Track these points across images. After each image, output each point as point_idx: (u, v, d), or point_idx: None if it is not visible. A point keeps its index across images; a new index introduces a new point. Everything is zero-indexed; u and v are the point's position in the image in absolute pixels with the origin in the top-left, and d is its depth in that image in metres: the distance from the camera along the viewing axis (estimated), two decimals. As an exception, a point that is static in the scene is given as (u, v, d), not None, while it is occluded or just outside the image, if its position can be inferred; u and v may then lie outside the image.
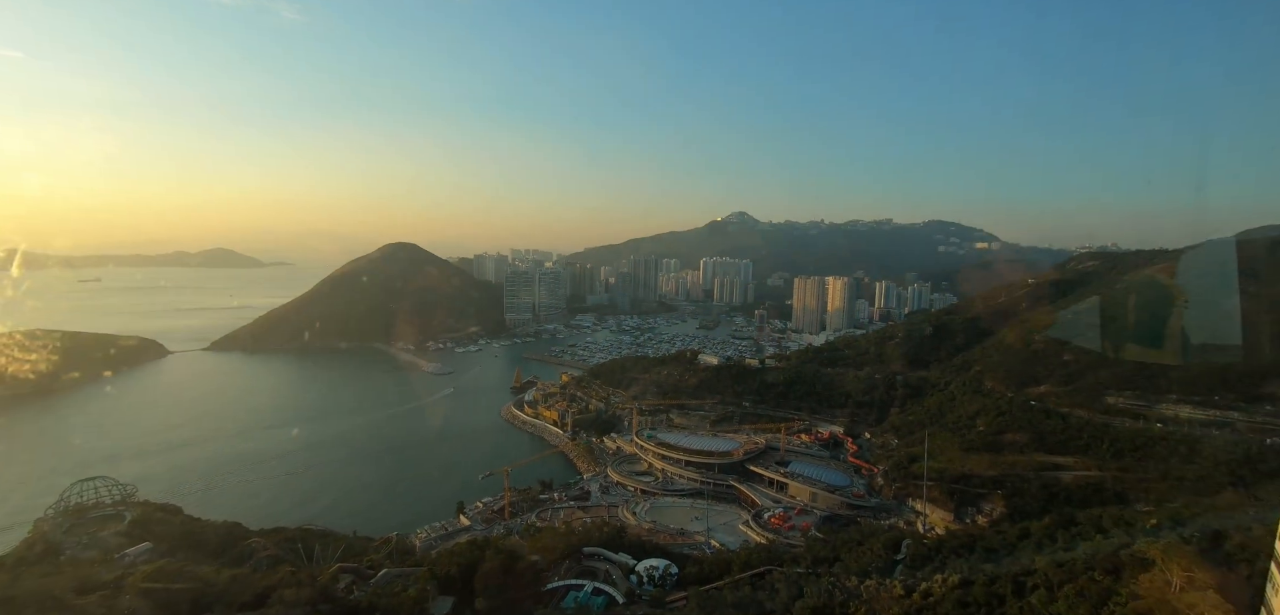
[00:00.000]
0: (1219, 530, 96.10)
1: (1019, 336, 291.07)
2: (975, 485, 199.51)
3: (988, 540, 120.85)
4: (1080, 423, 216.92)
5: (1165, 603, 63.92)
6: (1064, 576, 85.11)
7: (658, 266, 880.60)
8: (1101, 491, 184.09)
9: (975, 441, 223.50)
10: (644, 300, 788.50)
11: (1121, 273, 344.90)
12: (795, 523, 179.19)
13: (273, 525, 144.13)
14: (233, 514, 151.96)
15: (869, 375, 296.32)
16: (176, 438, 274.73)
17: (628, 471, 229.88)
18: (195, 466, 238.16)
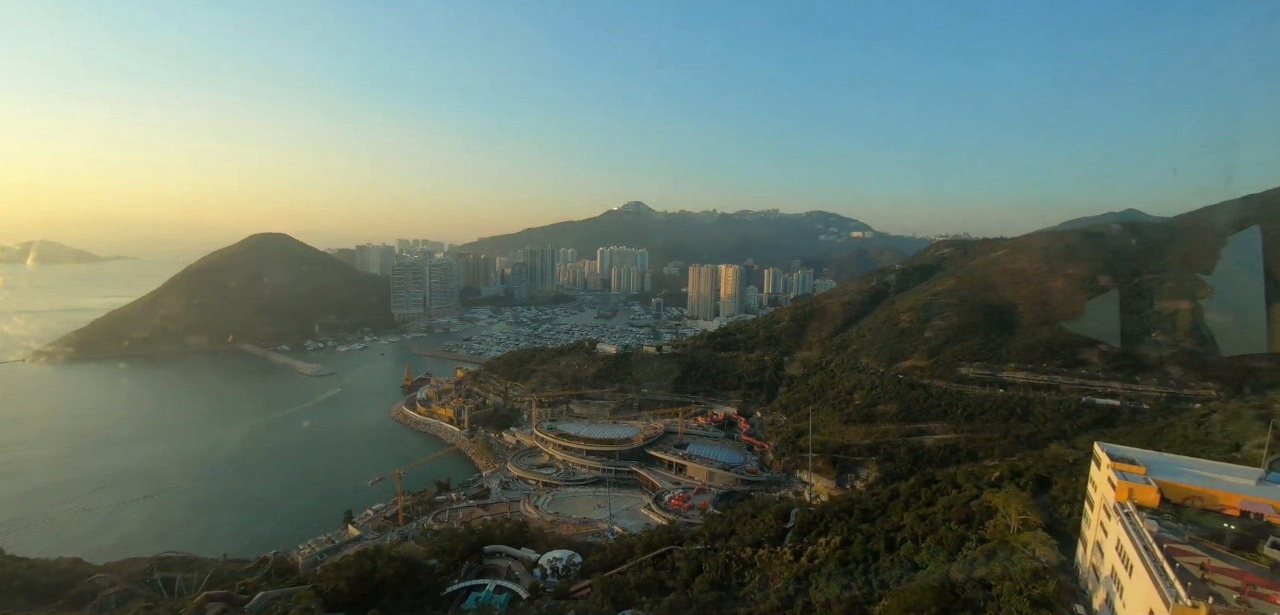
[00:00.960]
0: (1046, 476, 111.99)
1: (888, 316, 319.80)
2: (854, 454, 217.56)
3: (864, 502, 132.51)
4: (940, 392, 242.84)
5: (1005, 542, 73.75)
6: (927, 529, 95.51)
7: (554, 256, 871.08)
8: (957, 451, 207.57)
9: (853, 414, 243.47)
10: (541, 290, 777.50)
11: (971, 258, 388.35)
12: (694, 502, 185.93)
13: (126, 557, 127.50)
14: (74, 548, 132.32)
15: (759, 358, 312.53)
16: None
17: (528, 465, 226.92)
18: (21, 497, 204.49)
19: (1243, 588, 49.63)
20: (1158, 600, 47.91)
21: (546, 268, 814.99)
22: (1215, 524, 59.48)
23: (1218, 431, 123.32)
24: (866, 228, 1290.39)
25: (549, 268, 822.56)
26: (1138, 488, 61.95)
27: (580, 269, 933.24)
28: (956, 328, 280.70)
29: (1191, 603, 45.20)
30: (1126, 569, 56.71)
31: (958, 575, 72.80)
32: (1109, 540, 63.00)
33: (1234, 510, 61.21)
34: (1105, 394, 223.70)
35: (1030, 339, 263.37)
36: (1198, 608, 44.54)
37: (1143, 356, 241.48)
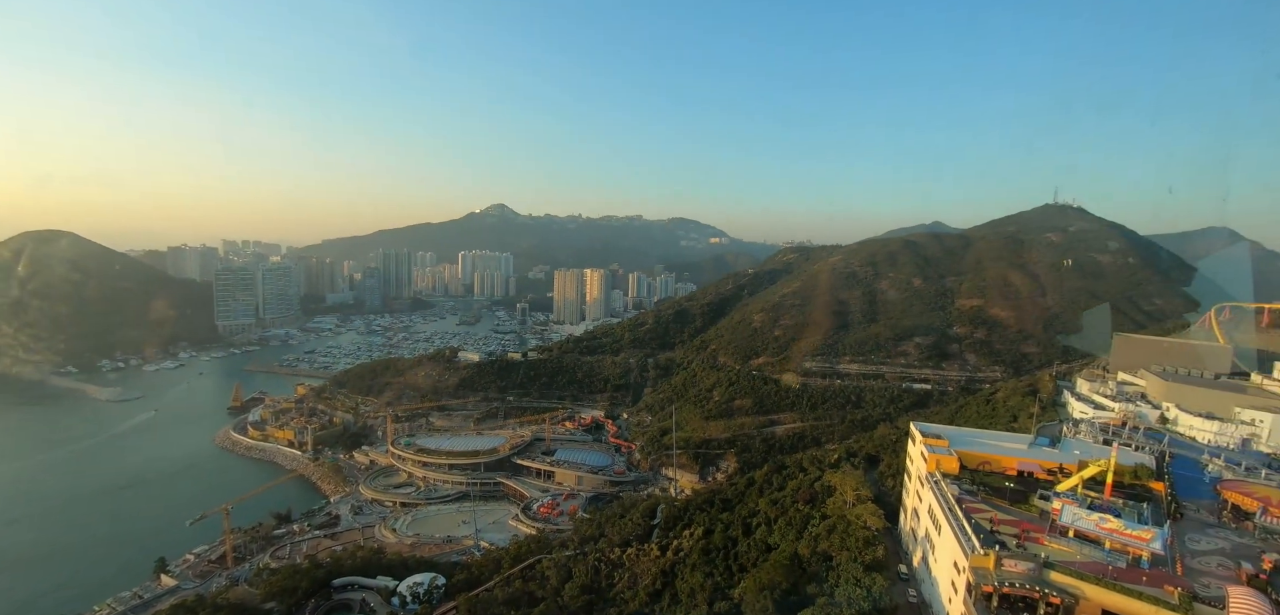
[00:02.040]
0: (875, 455, 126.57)
1: (743, 317, 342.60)
2: (714, 448, 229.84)
3: (724, 493, 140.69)
4: (788, 385, 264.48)
5: (843, 517, 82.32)
6: (778, 512, 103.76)
7: (411, 260, 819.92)
8: (804, 438, 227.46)
9: (713, 410, 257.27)
10: (397, 297, 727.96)
11: (813, 263, 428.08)
12: (563, 508, 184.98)
13: None
14: None
15: (625, 360, 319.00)
16: None
17: (384, 485, 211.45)
18: None
19: (1020, 534, 60.11)
20: (960, 553, 56.48)
21: (402, 272, 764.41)
22: (999, 483, 71.44)
23: (1001, 407, 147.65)
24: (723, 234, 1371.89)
25: (405, 272, 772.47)
26: (943, 459, 72.67)
27: (440, 273, 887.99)
28: (801, 326, 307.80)
29: (984, 551, 53.94)
30: (937, 528, 66.20)
31: (804, 551, 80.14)
32: (923, 505, 73.12)
33: (1012, 470, 73.97)
34: (920, 380, 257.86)
35: (861, 334, 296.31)
36: (988, 555, 53.24)
37: (947, 347, 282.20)
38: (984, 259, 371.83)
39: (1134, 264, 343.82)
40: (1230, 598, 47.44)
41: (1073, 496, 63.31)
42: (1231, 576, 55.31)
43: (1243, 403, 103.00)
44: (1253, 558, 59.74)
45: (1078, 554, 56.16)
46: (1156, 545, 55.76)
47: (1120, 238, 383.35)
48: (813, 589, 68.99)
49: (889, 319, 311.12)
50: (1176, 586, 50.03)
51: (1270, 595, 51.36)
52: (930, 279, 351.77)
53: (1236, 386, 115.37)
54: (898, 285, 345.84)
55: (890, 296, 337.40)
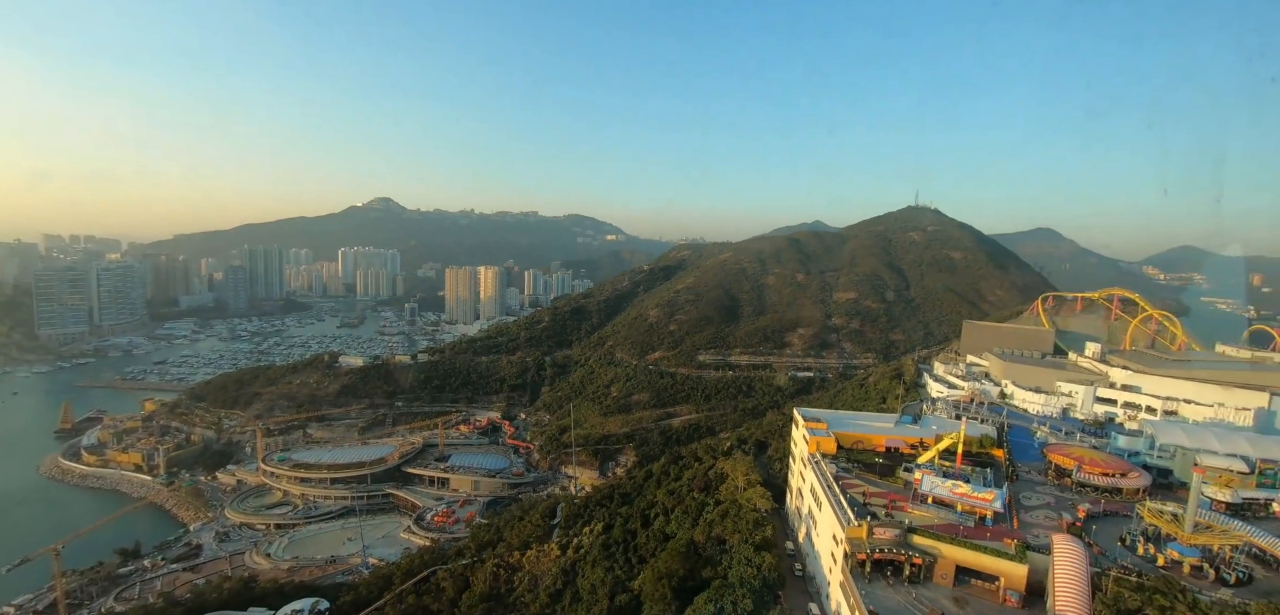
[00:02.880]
0: (764, 441, 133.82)
1: (639, 312, 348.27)
2: (613, 443, 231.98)
3: (623, 487, 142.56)
4: (684, 378, 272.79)
5: (735, 501, 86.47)
6: (675, 501, 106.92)
7: (283, 258, 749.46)
8: (700, 429, 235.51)
9: (611, 406, 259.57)
10: (267, 298, 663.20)
11: (705, 259, 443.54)
12: (459, 515, 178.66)
13: None
14: None
15: (521, 360, 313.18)
16: None
17: (256, 507, 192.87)
18: None
19: (888, 504, 66.33)
20: (838, 526, 61.41)
21: (273, 271, 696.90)
22: (870, 459, 78.40)
23: (873, 390, 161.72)
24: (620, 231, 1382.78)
25: (276, 271, 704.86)
26: (822, 441, 78.56)
27: (317, 272, 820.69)
28: (695, 320, 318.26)
29: (858, 522, 59.05)
30: (818, 505, 71.48)
31: (700, 537, 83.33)
32: (806, 485, 78.63)
33: (881, 447, 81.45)
34: (804, 368, 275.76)
35: (750, 327, 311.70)
36: (862, 525, 58.34)
37: (827, 337, 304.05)
38: (858, 255, 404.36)
39: (980, 259, 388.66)
40: (1054, 544, 55.38)
41: (930, 467, 70.89)
42: (1055, 525, 64.63)
43: (1063, 377, 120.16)
44: (1070, 509, 70.22)
45: (935, 518, 62.99)
46: (997, 504, 63.89)
47: (969, 236, 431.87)
48: (708, 572, 71.89)
49: (776, 312, 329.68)
50: (1013, 539, 57.71)
51: (1084, 538, 60.77)
52: (812, 274, 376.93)
53: (1058, 364, 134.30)
54: (783, 280, 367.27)
55: (777, 290, 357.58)
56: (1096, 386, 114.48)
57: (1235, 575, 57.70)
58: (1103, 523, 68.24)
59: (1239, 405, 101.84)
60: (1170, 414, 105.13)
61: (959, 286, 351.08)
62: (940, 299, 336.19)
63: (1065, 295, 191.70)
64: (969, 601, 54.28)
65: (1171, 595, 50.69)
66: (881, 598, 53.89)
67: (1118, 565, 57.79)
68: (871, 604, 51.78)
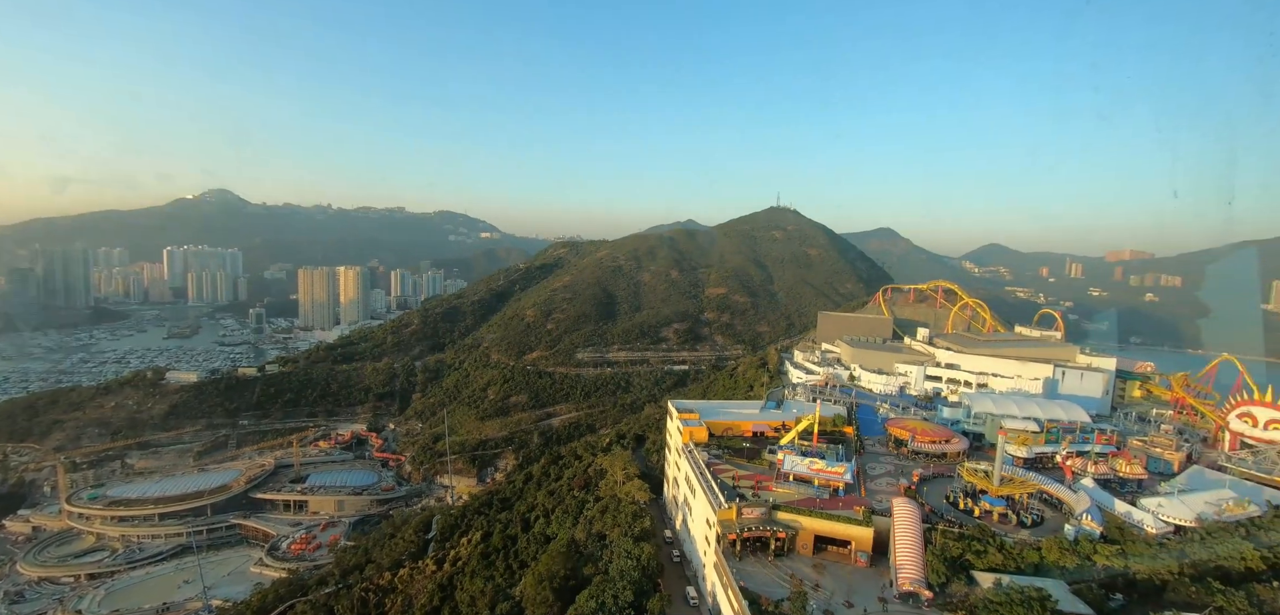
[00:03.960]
0: (642, 434, 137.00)
1: (516, 312, 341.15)
2: (492, 447, 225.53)
3: (503, 492, 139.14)
4: (562, 377, 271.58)
5: (614, 496, 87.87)
6: (555, 502, 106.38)
7: (89, 259, 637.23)
8: (580, 427, 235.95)
9: (488, 409, 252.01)
10: (68, 308, 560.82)
11: (582, 257, 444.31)
12: (322, 540, 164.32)
13: None
14: None
15: (389, 366, 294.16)
16: None
17: (59, 556, 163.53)
18: None
19: (755, 485, 70.92)
20: (710, 510, 64.63)
21: (76, 275, 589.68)
22: (739, 444, 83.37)
23: (741, 379, 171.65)
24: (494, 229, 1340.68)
25: (80, 275, 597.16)
26: (695, 430, 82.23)
27: (136, 276, 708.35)
28: (573, 319, 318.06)
29: (728, 505, 62.58)
30: (692, 492, 74.74)
31: (581, 535, 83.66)
32: (681, 474, 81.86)
33: (749, 432, 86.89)
34: (679, 361, 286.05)
35: (628, 323, 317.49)
36: (731, 508, 61.92)
37: (700, 331, 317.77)
38: (727, 253, 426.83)
39: (833, 256, 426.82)
40: (893, 507, 62.43)
41: (791, 448, 76.84)
42: (894, 491, 72.83)
43: (900, 359, 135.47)
44: (907, 474, 79.56)
45: (796, 494, 68.43)
46: (847, 477, 70.77)
47: (823, 235, 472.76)
48: (590, 569, 72.40)
49: (652, 308, 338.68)
50: (861, 506, 64.31)
51: (918, 499, 69.21)
52: (685, 271, 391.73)
53: (896, 348, 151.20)
54: (658, 277, 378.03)
55: (652, 287, 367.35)
56: (926, 366, 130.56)
57: (1031, 518, 68.84)
58: (932, 484, 78.12)
59: (1032, 376, 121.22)
60: (982, 387, 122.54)
61: (816, 280, 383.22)
62: (800, 292, 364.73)
63: (902, 287, 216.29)
64: (826, 567, 59.68)
65: (984, 540, 59.32)
66: (751, 573, 57.59)
67: (944, 519, 66.47)
68: (743, 580, 55.12)
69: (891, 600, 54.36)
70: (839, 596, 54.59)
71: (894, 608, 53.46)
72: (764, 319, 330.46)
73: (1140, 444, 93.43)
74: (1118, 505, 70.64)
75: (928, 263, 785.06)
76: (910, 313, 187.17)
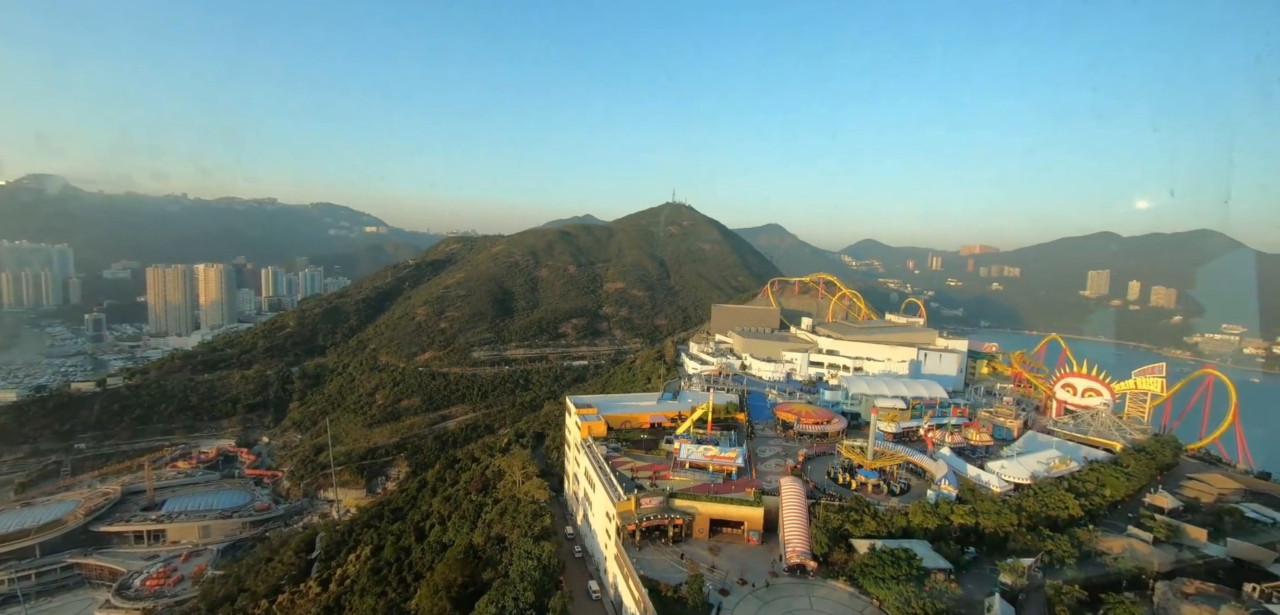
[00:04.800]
0: (541, 432, 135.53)
1: (405, 311, 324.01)
2: (382, 455, 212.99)
3: (395, 502, 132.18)
4: (458, 378, 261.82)
5: (514, 496, 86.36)
6: (452, 508, 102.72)
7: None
8: (477, 428, 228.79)
9: (377, 415, 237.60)
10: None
11: (477, 252, 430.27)
12: (184, 572, 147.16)
13: None
14: None
15: (260, 373, 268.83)
16: None
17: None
18: None
19: (653, 475, 72.56)
20: (610, 502, 65.33)
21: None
22: (637, 436, 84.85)
23: (639, 372, 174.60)
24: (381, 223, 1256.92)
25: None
26: (593, 425, 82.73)
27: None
28: (468, 317, 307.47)
29: (627, 496, 63.60)
30: (592, 486, 75.13)
31: (479, 539, 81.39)
32: (580, 469, 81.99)
33: (647, 424, 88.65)
34: (578, 357, 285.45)
35: (526, 320, 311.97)
36: (630, 499, 62.99)
37: (599, 325, 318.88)
38: (625, 247, 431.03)
39: (726, 250, 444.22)
40: (781, 486, 66.42)
41: (687, 436, 79.41)
42: (782, 471, 77.44)
43: (786, 348, 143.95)
44: (793, 455, 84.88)
45: (692, 481, 70.86)
46: (739, 461, 74.32)
47: (716, 230, 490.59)
48: (489, 574, 70.67)
49: (550, 304, 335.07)
50: (752, 487, 67.80)
51: (803, 477, 74.12)
52: (583, 266, 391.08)
53: (783, 337, 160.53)
54: (556, 272, 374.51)
55: (550, 283, 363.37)
56: (810, 353, 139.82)
57: (899, 486, 76.01)
58: (816, 462, 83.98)
59: (900, 359, 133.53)
60: (858, 370, 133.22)
61: (710, 274, 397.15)
62: (695, 286, 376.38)
63: (788, 280, 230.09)
64: (721, 548, 62.43)
65: (861, 510, 64.71)
66: (651, 561, 58.99)
67: (826, 494, 71.74)
68: (643, 569, 56.31)
69: (781, 574, 57.99)
70: (733, 575, 57.37)
71: (784, 580, 57.10)
72: (662, 312, 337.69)
73: (987, 415, 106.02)
74: (970, 470, 79.86)
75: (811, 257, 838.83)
76: (796, 304, 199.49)
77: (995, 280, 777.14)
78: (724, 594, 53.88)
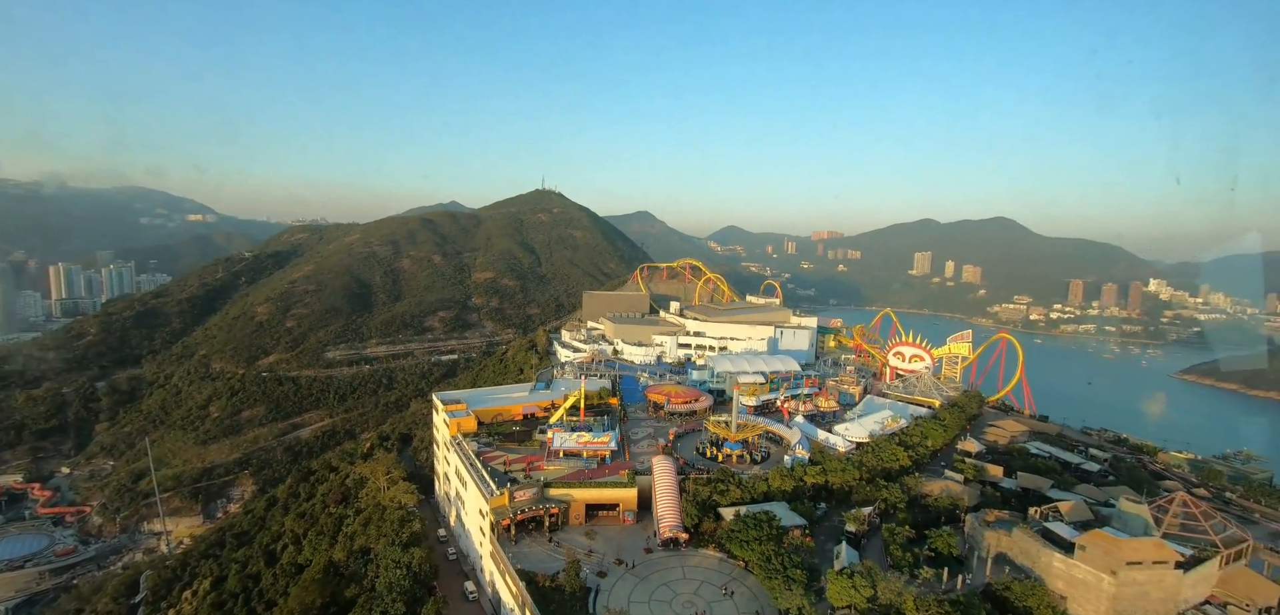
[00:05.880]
0: (408, 433, 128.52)
1: (243, 310, 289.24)
2: (221, 475, 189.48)
3: (239, 526, 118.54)
4: (310, 381, 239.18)
5: (378, 505, 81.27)
6: (307, 525, 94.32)
7: None
8: (336, 435, 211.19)
9: (212, 430, 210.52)
10: None
11: (328, 242, 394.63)
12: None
13: None
14: None
15: (53, 391, 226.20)
16: None
17: None
18: None
19: (526, 467, 71.92)
20: (483, 499, 63.76)
21: None
22: (509, 429, 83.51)
23: (511, 364, 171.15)
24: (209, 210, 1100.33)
25: None
26: (462, 421, 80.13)
27: None
28: (319, 313, 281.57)
29: (500, 491, 62.48)
30: (464, 484, 72.75)
31: (340, 555, 75.59)
32: (451, 468, 79.03)
33: (519, 415, 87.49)
34: (447, 351, 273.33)
35: (387, 314, 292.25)
36: (503, 493, 61.95)
37: (468, 317, 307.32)
38: (494, 236, 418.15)
39: (597, 238, 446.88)
40: (653, 465, 68.90)
41: (561, 425, 79.64)
42: (654, 450, 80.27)
43: (656, 331, 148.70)
44: (664, 434, 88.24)
45: (567, 468, 71.23)
46: (613, 445, 75.95)
47: (588, 217, 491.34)
48: (353, 590, 66.03)
49: (414, 296, 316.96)
50: (625, 469, 69.65)
51: (673, 454, 77.44)
52: (449, 255, 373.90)
53: (653, 321, 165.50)
54: (420, 263, 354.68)
55: (414, 274, 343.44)
56: (678, 336, 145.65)
57: (760, 455, 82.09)
58: (686, 439, 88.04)
59: (760, 337, 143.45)
60: (723, 349, 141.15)
61: (582, 261, 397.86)
62: (568, 273, 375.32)
63: (657, 265, 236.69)
64: (597, 532, 63.52)
65: (727, 481, 68.95)
66: (528, 554, 58.55)
67: (695, 468, 75.55)
68: (519, 563, 55.75)
69: (656, 549, 60.40)
70: (610, 556, 58.73)
71: (658, 555, 59.50)
72: (534, 301, 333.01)
73: (834, 384, 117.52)
74: (820, 434, 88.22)
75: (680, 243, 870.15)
76: (665, 289, 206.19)
77: (841, 262, 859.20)
78: (602, 576, 55.00)
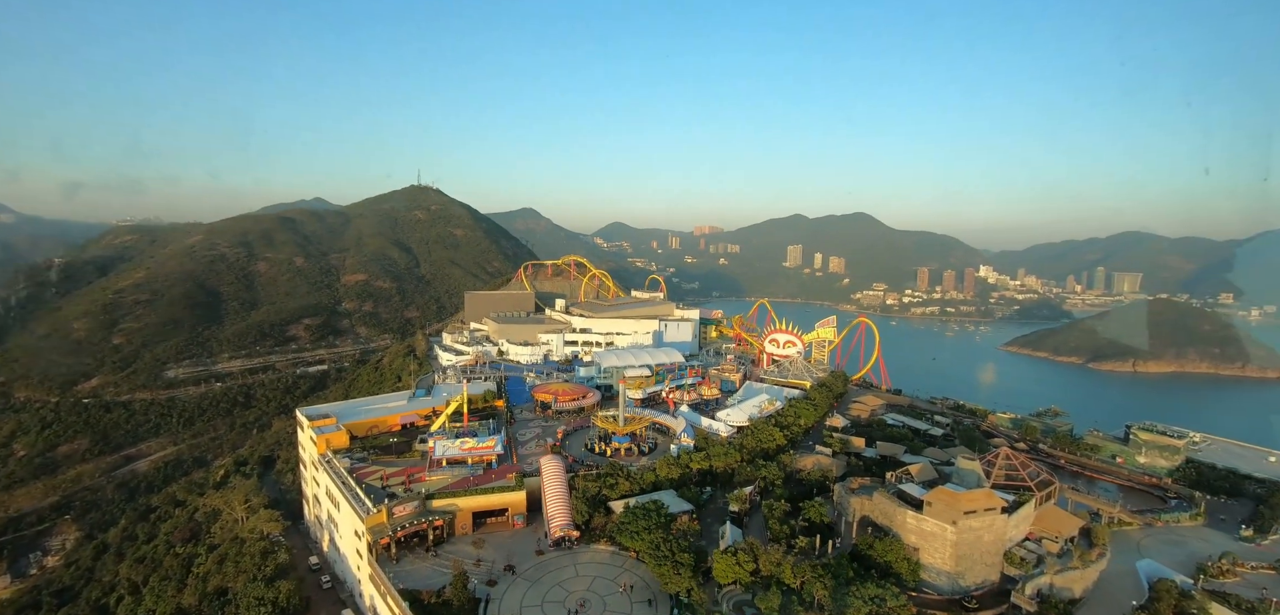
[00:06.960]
0: (270, 455, 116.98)
1: (54, 326, 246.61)
2: (31, 524, 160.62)
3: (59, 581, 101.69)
4: (146, 405, 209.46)
5: (236, 538, 73.32)
6: (148, 569, 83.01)
7: None
8: (182, 464, 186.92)
9: (19, 471, 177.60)
10: None
11: (163, 246, 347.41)
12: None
13: None
14: None
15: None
16: None
17: None
18: None
19: (407, 480, 68.26)
20: (358, 520, 59.64)
21: None
22: (386, 441, 78.79)
23: (388, 371, 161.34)
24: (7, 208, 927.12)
25: None
26: (332, 437, 74.33)
27: None
28: (155, 327, 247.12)
29: (377, 509, 58.77)
30: (336, 505, 67.55)
31: (190, 600, 67.34)
32: (321, 489, 73.06)
33: (397, 425, 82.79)
34: (315, 361, 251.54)
35: (241, 325, 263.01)
36: (381, 510, 58.37)
37: (339, 323, 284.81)
38: (365, 235, 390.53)
39: (479, 235, 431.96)
40: (541, 466, 68.15)
41: (443, 432, 76.39)
42: (542, 450, 79.41)
43: (542, 330, 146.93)
44: (553, 434, 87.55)
45: (451, 477, 68.56)
46: (499, 448, 74.17)
47: (469, 215, 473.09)
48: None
49: (274, 302, 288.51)
50: (513, 473, 68.31)
51: (562, 453, 77.06)
52: (313, 257, 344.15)
53: (538, 319, 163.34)
54: (279, 266, 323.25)
55: (272, 278, 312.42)
56: (565, 333, 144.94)
57: (648, 446, 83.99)
58: (575, 436, 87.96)
59: (645, 331, 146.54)
60: (610, 345, 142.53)
61: (464, 260, 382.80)
62: (449, 273, 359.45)
63: (542, 263, 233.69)
64: (486, 539, 61.72)
65: (616, 474, 69.82)
66: (411, 571, 55.58)
67: (585, 465, 75.76)
68: (402, 583, 52.76)
69: (547, 549, 59.79)
70: (500, 563, 57.28)
71: (550, 555, 58.94)
72: (412, 304, 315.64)
73: (716, 372, 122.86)
74: (704, 421, 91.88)
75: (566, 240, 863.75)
76: (550, 286, 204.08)
77: (722, 256, 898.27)
78: (491, 585, 53.57)
